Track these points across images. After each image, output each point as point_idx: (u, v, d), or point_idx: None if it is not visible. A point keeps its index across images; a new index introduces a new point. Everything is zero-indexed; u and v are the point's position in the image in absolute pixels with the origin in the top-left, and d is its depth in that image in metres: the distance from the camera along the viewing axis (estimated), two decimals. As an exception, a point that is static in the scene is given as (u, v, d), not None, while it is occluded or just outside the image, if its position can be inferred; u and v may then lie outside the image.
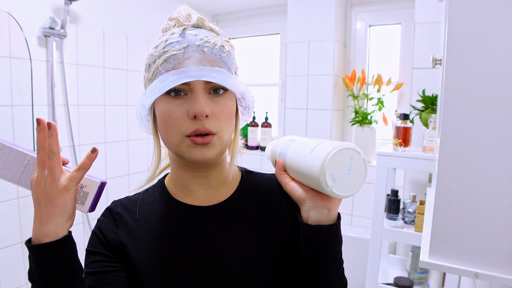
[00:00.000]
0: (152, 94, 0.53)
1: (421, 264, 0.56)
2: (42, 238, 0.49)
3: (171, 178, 0.65)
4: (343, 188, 0.47)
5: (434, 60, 0.77)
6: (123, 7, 1.87)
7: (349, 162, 0.46)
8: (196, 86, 0.53)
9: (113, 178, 1.87)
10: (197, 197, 0.62)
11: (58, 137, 0.51)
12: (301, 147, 0.53)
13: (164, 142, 0.58)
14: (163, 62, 0.54)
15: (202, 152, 0.54)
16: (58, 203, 0.50)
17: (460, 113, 0.51)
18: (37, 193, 0.50)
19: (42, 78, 1.52)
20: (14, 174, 0.54)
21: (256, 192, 0.66)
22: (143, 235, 0.59)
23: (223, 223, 0.60)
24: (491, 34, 0.48)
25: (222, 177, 0.64)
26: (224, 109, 0.56)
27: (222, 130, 0.56)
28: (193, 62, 0.53)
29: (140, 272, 0.57)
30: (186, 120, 0.53)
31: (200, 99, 0.52)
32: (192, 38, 0.55)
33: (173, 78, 0.51)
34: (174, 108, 0.54)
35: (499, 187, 0.49)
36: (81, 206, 0.55)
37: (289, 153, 0.55)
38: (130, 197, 0.66)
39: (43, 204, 0.50)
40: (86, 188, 0.55)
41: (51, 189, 0.50)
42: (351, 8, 2.05)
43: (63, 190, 0.50)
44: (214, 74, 0.53)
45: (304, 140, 0.54)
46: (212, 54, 0.55)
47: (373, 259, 1.49)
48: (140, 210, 0.62)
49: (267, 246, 0.60)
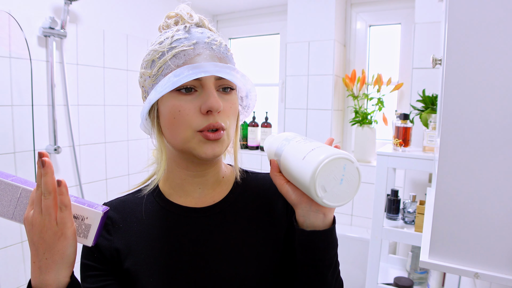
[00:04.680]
0: (163, 89, 0.51)
1: (421, 264, 0.56)
2: (45, 287, 0.46)
3: (166, 179, 0.63)
4: (335, 198, 0.46)
5: (434, 60, 0.77)
6: (123, 7, 1.87)
7: (342, 172, 0.45)
8: (208, 82, 0.53)
9: (113, 178, 1.87)
10: (193, 197, 0.61)
11: (54, 175, 0.46)
12: (294, 151, 0.51)
13: (169, 138, 0.56)
14: (172, 57, 0.53)
15: (212, 148, 0.54)
16: (56, 250, 0.46)
17: (460, 113, 0.51)
18: (32, 236, 0.46)
19: (42, 78, 1.52)
20: (7, 209, 0.49)
21: (251, 192, 0.65)
22: (136, 238, 0.58)
23: (218, 224, 0.60)
24: (491, 34, 0.48)
25: (219, 177, 0.64)
26: (232, 106, 0.57)
27: (230, 127, 0.57)
28: (205, 58, 0.53)
29: (136, 276, 0.56)
30: (197, 115, 0.53)
31: (214, 94, 0.53)
32: (199, 36, 0.55)
33: (188, 72, 0.50)
34: (185, 104, 0.53)
35: (499, 187, 0.49)
36: (84, 240, 0.50)
37: (283, 155, 0.53)
38: (122, 198, 0.64)
39: (41, 251, 0.46)
40: (88, 220, 0.50)
41: (47, 234, 0.46)
42: (351, 8, 2.05)
43: (60, 236, 0.46)
44: (228, 71, 0.53)
45: (298, 143, 0.52)
46: (220, 52, 0.55)
47: (373, 259, 1.49)
48: (132, 211, 0.61)
49: (263, 246, 0.60)
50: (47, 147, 1.55)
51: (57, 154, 1.57)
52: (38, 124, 1.51)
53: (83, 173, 1.69)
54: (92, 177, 1.75)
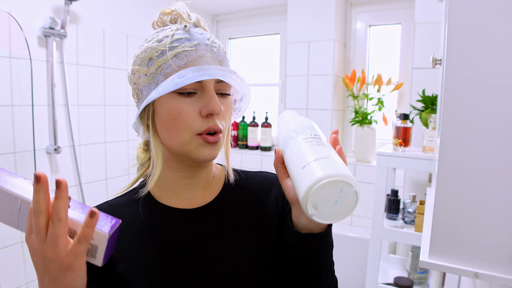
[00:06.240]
0: (165, 89, 0.50)
1: (421, 264, 0.56)
2: None
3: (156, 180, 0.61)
4: (326, 216, 0.43)
5: (434, 60, 0.77)
6: (123, 7, 1.87)
7: (338, 194, 0.42)
8: (209, 85, 0.53)
9: (113, 178, 1.87)
10: (183, 198, 0.60)
11: (67, 199, 0.40)
12: (296, 154, 0.47)
13: (166, 140, 0.55)
14: (173, 57, 0.52)
15: (210, 150, 0.54)
16: (63, 282, 0.41)
17: (460, 113, 0.51)
18: (36, 262, 0.42)
19: (42, 78, 1.52)
20: (10, 218, 0.44)
21: (242, 191, 0.64)
22: (128, 242, 0.57)
23: (210, 225, 0.59)
24: (491, 34, 0.48)
25: (209, 177, 0.63)
26: (228, 109, 0.57)
27: (226, 129, 0.57)
28: (207, 61, 0.53)
29: (128, 281, 0.55)
30: (197, 118, 0.52)
31: (215, 97, 0.53)
32: (200, 37, 0.54)
33: (193, 74, 0.50)
34: (185, 106, 0.52)
35: (499, 187, 0.49)
36: (93, 259, 0.46)
37: (287, 152, 0.50)
38: (110, 201, 0.62)
39: (46, 281, 0.42)
40: (94, 241, 0.45)
41: (53, 265, 0.40)
42: (351, 8, 2.05)
43: (68, 269, 0.41)
44: (230, 75, 0.53)
45: (304, 143, 0.48)
46: (220, 55, 0.55)
47: (373, 259, 1.49)
48: (123, 215, 0.59)
49: (256, 245, 0.59)
50: (47, 147, 1.55)
51: (57, 154, 1.57)
52: (38, 124, 1.51)
53: (83, 173, 1.69)
54: (92, 177, 1.75)
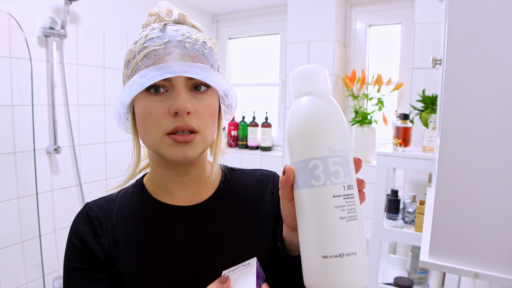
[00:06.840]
0: (131, 90, 0.50)
1: (421, 264, 0.56)
2: None
3: (151, 178, 0.62)
4: None
5: (434, 60, 0.77)
6: (123, 7, 1.87)
7: None
8: (178, 82, 0.51)
9: (113, 178, 1.87)
10: (178, 196, 0.60)
11: None
12: (319, 224, 0.38)
13: (143, 140, 0.55)
14: (143, 57, 0.52)
15: (183, 151, 0.52)
16: None
17: (460, 113, 0.51)
18: None
19: (42, 78, 1.52)
20: None
21: (238, 189, 0.64)
22: (125, 239, 0.56)
23: (206, 222, 0.59)
24: (491, 34, 0.48)
25: (203, 176, 0.62)
26: (207, 106, 0.54)
27: (205, 128, 0.54)
28: (174, 57, 0.51)
29: (126, 277, 0.54)
30: (166, 117, 0.51)
31: (181, 95, 0.51)
32: (173, 34, 0.53)
33: (153, 73, 0.49)
34: (154, 105, 0.51)
35: (499, 187, 0.49)
36: None
37: (305, 198, 0.39)
38: (106, 197, 0.62)
39: None
40: None
41: None
42: (351, 8, 2.05)
43: None
44: (196, 70, 0.50)
45: (332, 211, 0.38)
46: (194, 50, 0.53)
47: (373, 259, 1.49)
48: (119, 211, 0.59)
49: (251, 244, 0.59)
50: (47, 147, 1.56)
51: (57, 154, 1.57)
52: (38, 124, 1.51)
53: (83, 173, 1.69)
54: (92, 177, 1.75)
